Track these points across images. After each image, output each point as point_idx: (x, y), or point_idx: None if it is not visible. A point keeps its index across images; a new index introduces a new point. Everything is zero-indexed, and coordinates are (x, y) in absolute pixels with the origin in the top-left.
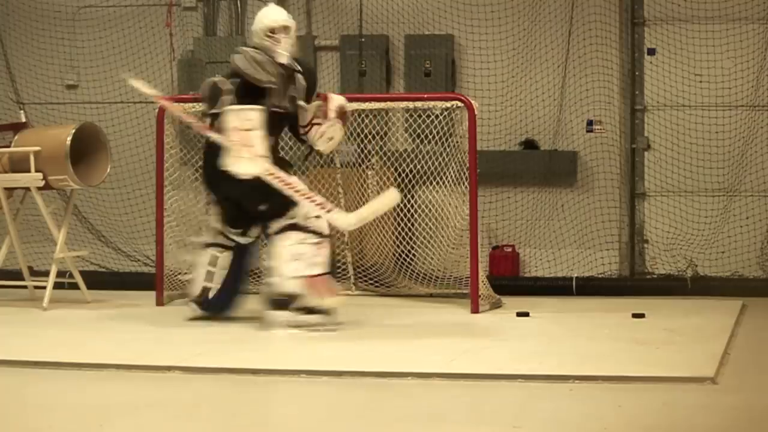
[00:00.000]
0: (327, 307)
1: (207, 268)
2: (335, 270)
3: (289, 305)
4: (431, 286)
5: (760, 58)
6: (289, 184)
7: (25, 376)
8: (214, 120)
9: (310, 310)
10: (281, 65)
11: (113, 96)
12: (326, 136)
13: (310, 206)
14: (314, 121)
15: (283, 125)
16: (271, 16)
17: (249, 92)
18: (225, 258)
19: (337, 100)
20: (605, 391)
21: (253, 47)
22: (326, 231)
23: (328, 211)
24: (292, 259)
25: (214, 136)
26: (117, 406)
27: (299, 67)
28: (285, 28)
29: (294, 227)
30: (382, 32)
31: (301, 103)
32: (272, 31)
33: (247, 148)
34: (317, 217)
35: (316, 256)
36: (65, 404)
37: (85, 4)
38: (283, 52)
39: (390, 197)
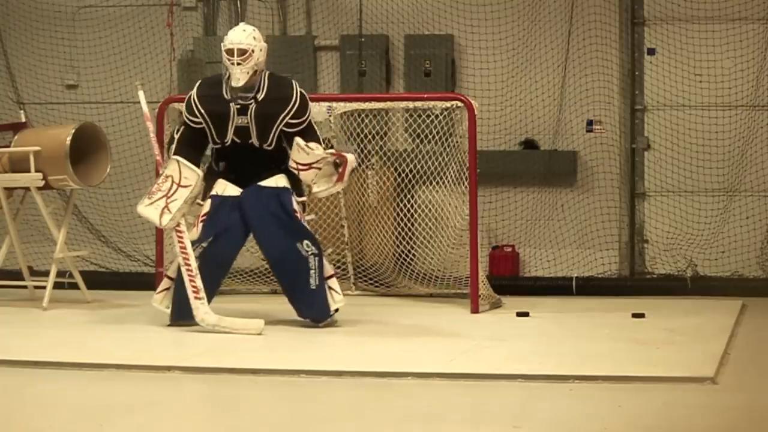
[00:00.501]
0: None
1: None
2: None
3: None
4: (431, 286)
5: (760, 58)
6: (185, 254)
7: (25, 376)
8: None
9: None
10: (228, 97)
11: (113, 96)
12: (328, 192)
13: (187, 285)
14: (314, 165)
15: (259, 152)
16: (229, 36)
17: (194, 134)
18: None
19: (351, 165)
20: (605, 391)
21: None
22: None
23: (198, 299)
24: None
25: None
26: (117, 406)
27: (263, 94)
28: (241, 51)
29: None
30: (381, 32)
31: (296, 138)
32: (229, 53)
33: (165, 200)
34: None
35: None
36: (65, 404)
37: (85, 4)
38: (239, 77)
39: (256, 325)
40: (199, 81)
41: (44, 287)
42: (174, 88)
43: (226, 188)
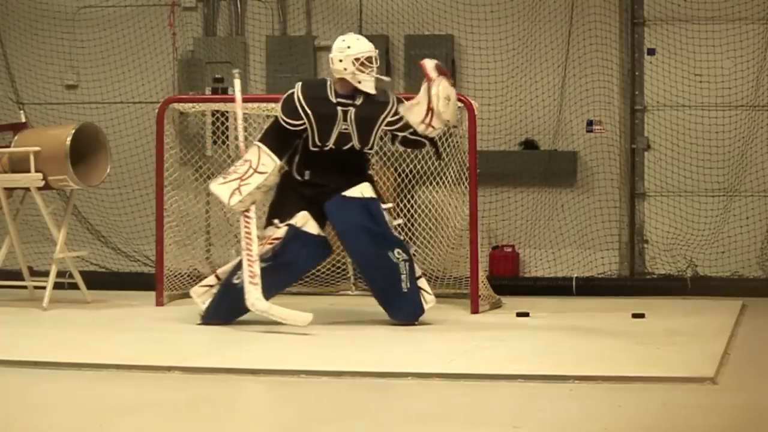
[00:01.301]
0: None
1: None
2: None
3: None
4: (431, 286)
5: (760, 59)
6: (249, 240)
7: (25, 376)
8: None
9: None
10: (334, 101)
11: (113, 96)
12: (442, 96)
13: (245, 269)
14: (430, 106)
15: (350, 159)
16: (360, 45)
17: (282, 132)
18: None
19: (429, 62)
20: (605, 391)
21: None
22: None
23: (252, 283)
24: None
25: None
26: (117, 406)
27: (361, 98)
28: (376, 60)
29: None
30: (382, 32)
31: (400, 108)
32: (369, 61)
33: (238, 182)
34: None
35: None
36: (65, 404)
37: (85, 4)
38: (370, 82)
39: (303, 318)
40: (299, 83)
41: (44, 287)
42: (175, 88)
43: (307, 223)
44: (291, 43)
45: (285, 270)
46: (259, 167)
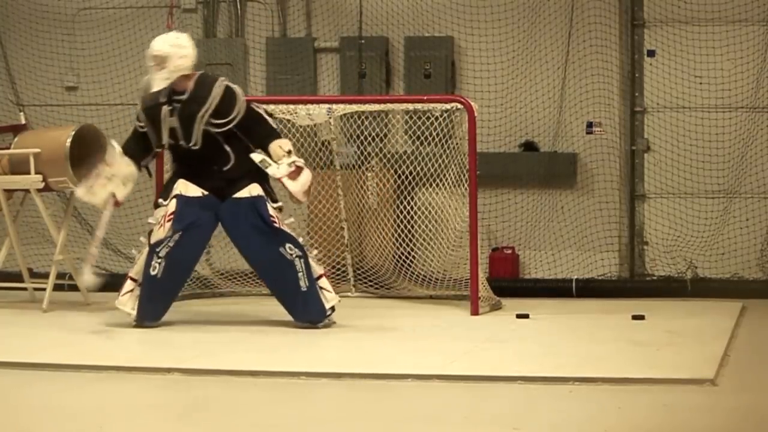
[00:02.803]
0: None
1: None
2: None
3: None
4: (431, 287)
5: (760, 60)
6: (101, 226)
7: (25, 378)
8: None
9: None
10: (157, 99)
11: (113, 98)
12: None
13: (92, 248)
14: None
15: (197, 151)
16: (152, 44)
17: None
18: None
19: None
20: (605, 392)
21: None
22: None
23: (89, 261)
24: None
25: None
26: (116, 408)
27: (187, 93)
28: (156, 58)
29: None
30: (381, 34)
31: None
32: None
33: (93, 180)
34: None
35: None
36: (65, 406)
37: (85, 5)
38: (160, 80)
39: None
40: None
41: (44, 289)
42: None
43: (188, 188)
44: (291, 44)
45: (191, 235)
46: (113, 165)
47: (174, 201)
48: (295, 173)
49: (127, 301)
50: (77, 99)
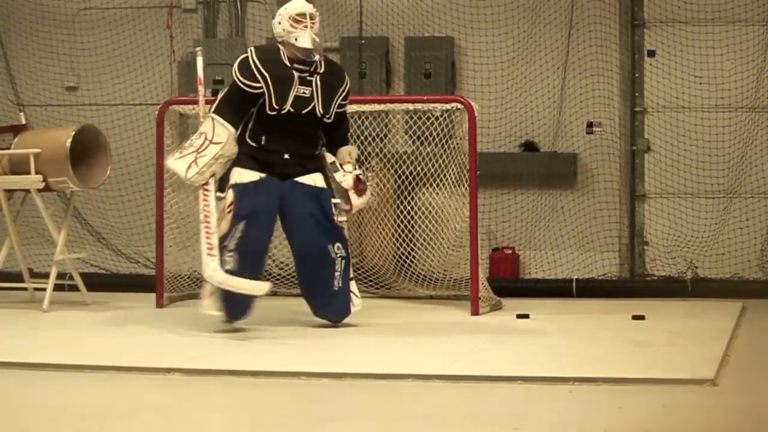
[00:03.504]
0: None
1: None
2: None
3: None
4: (431, 287)
5: (759, 60)
6: (207, 212)
7: (25, 378)
8: None
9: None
10: (289, 65)
11: (113, 98)
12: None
13: (202, 240)
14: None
15: (306, 126)
16: (296, 3)
17: (243, 98)
18: None
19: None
20: (605, 392)
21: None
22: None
23: (210, 255)
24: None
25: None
26: (117, 409)
27: (322, 68)
28: (312, 16)
29: None
30: (382, 34)
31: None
32: (301, 16)
33: (195, 154)
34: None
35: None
36: (65, 406)
37: (85, 6)
38: (309, 40)
39: (260, 287)
40: (252, 48)
41: (44, 289)
42: (174, 90)
43: (242, 175)
44: None
45: (257, 220)
46: (215, 138)
47: (230, 192)
48: (363, 190)
49: (210, 304)
50: (77, 99)
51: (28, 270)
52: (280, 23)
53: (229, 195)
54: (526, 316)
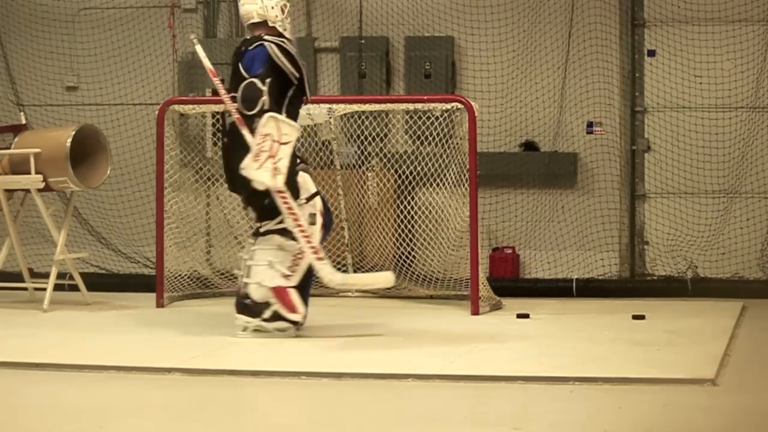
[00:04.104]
0: (293, 319)
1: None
2: (311, 282)
3: (257, 312)
4: (431, 287)
5: (760, 60)
6: (294, 214)
7: (25, 378)
8: (250, 121)
9: (278, 317)
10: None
11: (113, 98)
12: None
13: (303, 245)
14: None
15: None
16: None
17: (280, 90)
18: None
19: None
20: (605, 392)
21: (268, 34)
22: (313, 242)
23: (319, 259)
24: (267, 266)
25: (247, 134)
26: (117, 408)
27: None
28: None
29: (282, 232)
30: (382, 34)
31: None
32: (284, 8)
33: (271, 160)
34: (312, 223)
35: (292, 267)
36: (65, 406)
37: (85, 6)
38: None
39: (384, 278)
40: (268, 37)
41: (44, 289)
42: (175, 89)
43: (307, 181)
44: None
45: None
46: (282, 137)
47: (319, 198)
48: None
49: (305, 310)
50: (77, 99)
51: (28, 270)
52: (273, 8)
53: (318, 202)
54: (526, 316)
